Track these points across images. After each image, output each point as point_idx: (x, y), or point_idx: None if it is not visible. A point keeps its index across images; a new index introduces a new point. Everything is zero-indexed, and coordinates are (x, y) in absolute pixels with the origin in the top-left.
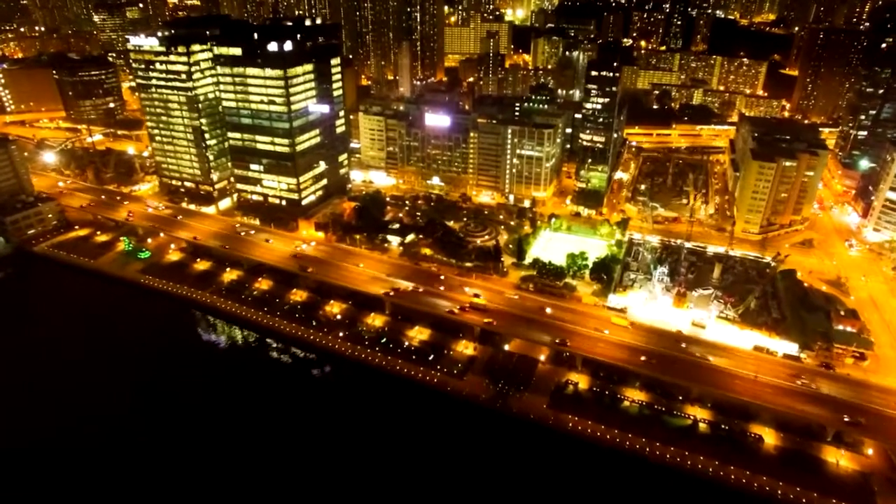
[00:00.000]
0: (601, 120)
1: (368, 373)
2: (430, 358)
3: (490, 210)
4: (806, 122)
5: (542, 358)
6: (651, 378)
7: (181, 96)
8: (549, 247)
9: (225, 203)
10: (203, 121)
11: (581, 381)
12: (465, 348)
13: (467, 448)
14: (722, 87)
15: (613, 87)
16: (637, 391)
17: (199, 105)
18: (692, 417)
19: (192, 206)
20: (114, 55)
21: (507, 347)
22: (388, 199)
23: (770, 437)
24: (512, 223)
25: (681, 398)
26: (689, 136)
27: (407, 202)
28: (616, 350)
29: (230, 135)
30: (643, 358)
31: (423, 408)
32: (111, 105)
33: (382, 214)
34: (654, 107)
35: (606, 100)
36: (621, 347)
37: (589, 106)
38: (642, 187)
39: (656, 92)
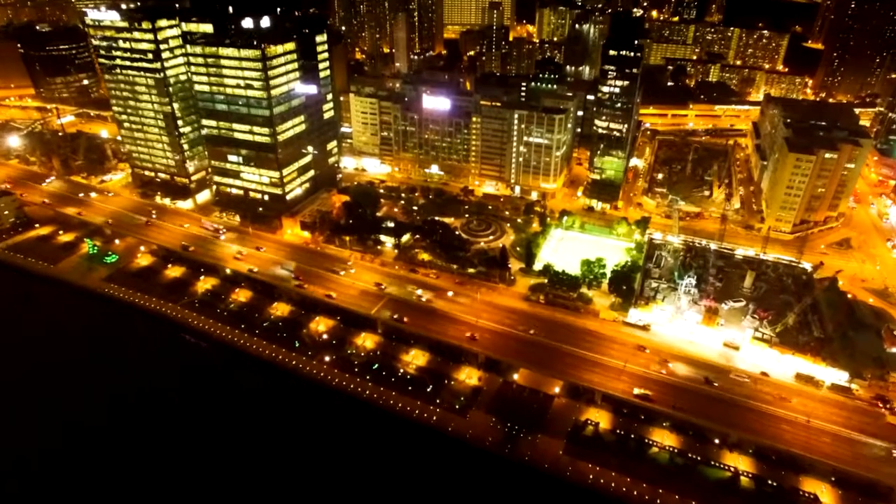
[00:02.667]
0: (619, 105)
1: (357, 406)
2: (429, 389)
3: (494, 205)
4: (831, 100)
5: (557, 390)
6: (682, 418)
7: (149, 79)
8: (561, 248)
9: (204, 196)
10: (175, 106)
11: (602, 419)
12: (469, 377)
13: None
14: (739, 62)
15: (634, 69)
16: (666, 433)
17: (170, 88)
18: (732, 469)
19: (167, 201)
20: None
21: (515, 376)
22: (381, 190)
23: (827, 497)
24: (519, 220)
25: (717, 441)
26: (707, 116)
27: (403, 195)
28: (639, 384)
29: (204, 122)
30: (673, 405)
31: (419, 451)
32: (85, 82)
33: (375, 210)
34: (669, 84)
35: (626, 83)
36: (646, 381)
37: (606, 89)
38: (659, 176)
39: (670, 68)
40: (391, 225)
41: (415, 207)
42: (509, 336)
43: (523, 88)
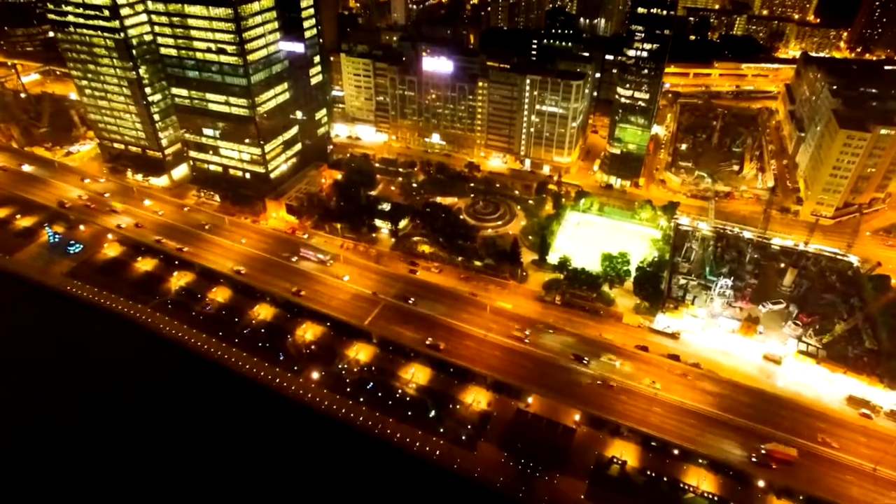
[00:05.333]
0: (646, 71)
1: (349, 434)
2: (432, 415)
3: (503, 182)
4: (868, 56)
5: (577, 417)
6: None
7: (107, 39)
8: (578, 235)
9: (181, 171)
10: (141, 71)
11: (628, 454)
12: (476, 401)
13: None
14: (766, 12)
15: (666, 30)
16: (703, 473)
17: (133, 51)
18: None
19: (139, 178)
20: None
21: (530, 399)
22: (377, 164)
23: None
24: (530, 202)
25: (762, 485)
26: (733, 75)
27: (400, 170)
28: (670, 417)
29: (174, 91)
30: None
31: (419, 491)
32: (51, 34)
33: (370, 188)
34: (691, 38)
35: (655, 45)
36: (678, 413)
37: (632, 53)
38: (683, 147)
39: (692, 19)
40: (387, 207)
41: (414, 185)
42: (520, 353)
43: (534, 47)
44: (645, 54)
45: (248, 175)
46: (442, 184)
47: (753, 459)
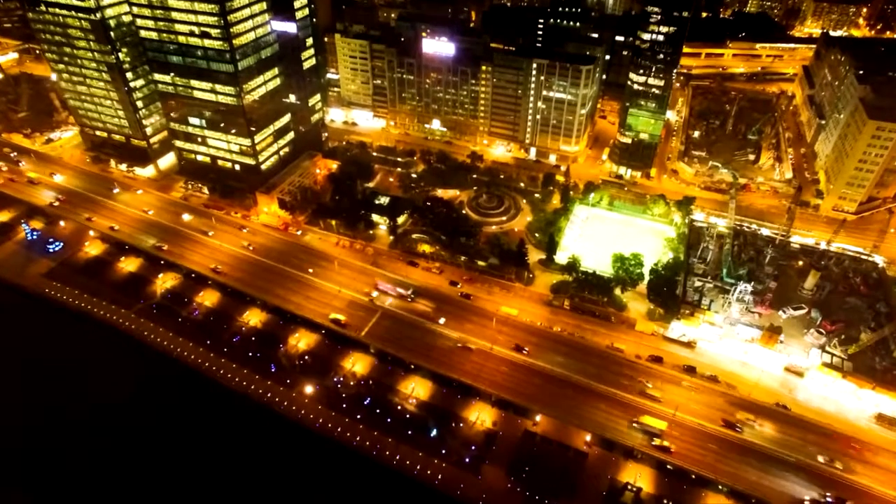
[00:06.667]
0: (662, 56)
1: (344, 455)
2: (433, 433)
3: (507, 173)
4: (890, 34)
5: (588, 438)
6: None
7: (83, 21)
8: (587, 231)
9: (168, 160)
10: (121, 55)
11: (643, 479)
12: (481, 420)
13: None
14: None
15: (685, 12)
16: (723, 500)
17: (112, 34)
18: None
19: (123, 167)
20: None
21: (538, 418)
22: (374, 153)
23: None
24: (537, 195)
25: None
26: (747, 55)
27: (399, 159)
28: (698, 441)
29: (157, 77)
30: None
31: None
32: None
33: (367, 179)
34: (703, 15)
35: (673, 28)
36: (705, 437)
37: (647, 36)
38: (696, 134)
39: None
40: (386, 201)
41: (413, 175)
42: (526, 368)
43: (540, 26)
44: (661, 38)
45: (237, 166)
46: (443, 175)
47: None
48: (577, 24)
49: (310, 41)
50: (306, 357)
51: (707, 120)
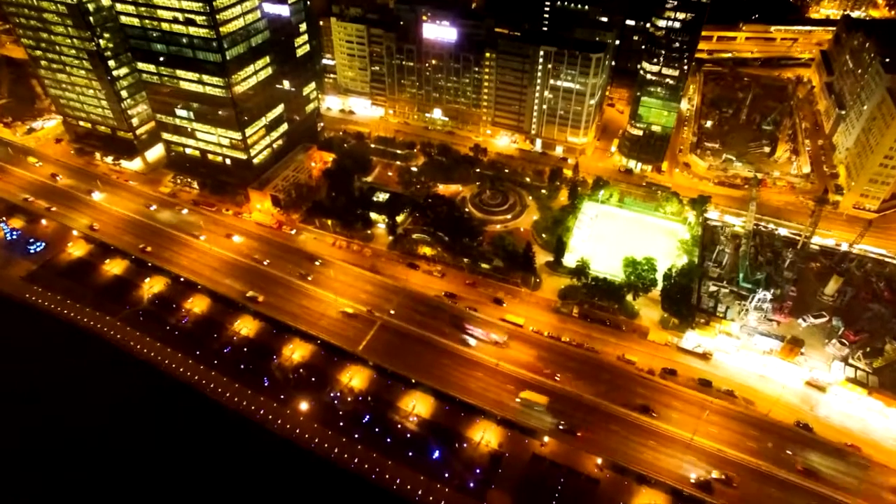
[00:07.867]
0: (677, 44)
1: (342, 477)
2: (436, 455)
3: (512, 167)
4: None
5: (599, 461)
6: None
7: (59, 5)
8: (596, 230)
9: (156, 152)
10: (102, 42)
11: None
12: (486, 440)
13: None
14: None
15: None
16: None
17: (91, 19)
18: None
19: (109, 160)
20: None
21: (546, 439)
22: (372, 144)
23: None
24: (543, 191)
25: None
26: (761, 39)
27: (399, 152)
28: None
29: (141, 67)
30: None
31: None
32: None
33: (365, 174)
34: None
35: (690, 15)
36: (724, 462)
37: (662, 23)
38: (708, 124)
39: None
40: (384, 197)
41: (413, 169)
42: (532, 384)
43: (547, 9)
44: (677, 25)
45: (228, 161)
46: (444, 168)
47: None
48: (586, 6)
49: (303, 26)
50: (301, 370)
51: (720, 108)
